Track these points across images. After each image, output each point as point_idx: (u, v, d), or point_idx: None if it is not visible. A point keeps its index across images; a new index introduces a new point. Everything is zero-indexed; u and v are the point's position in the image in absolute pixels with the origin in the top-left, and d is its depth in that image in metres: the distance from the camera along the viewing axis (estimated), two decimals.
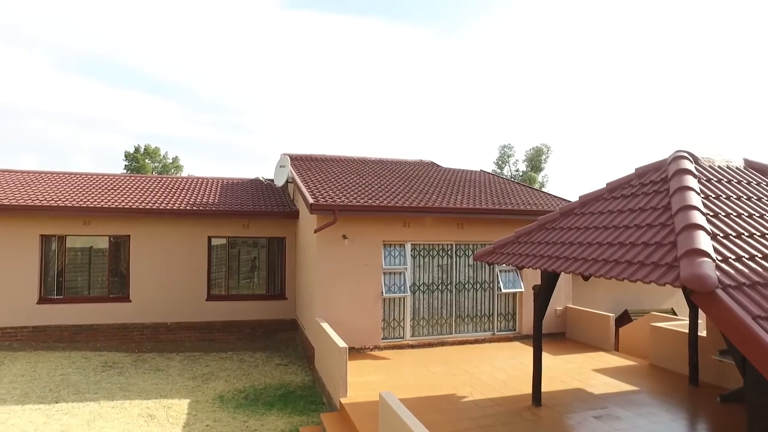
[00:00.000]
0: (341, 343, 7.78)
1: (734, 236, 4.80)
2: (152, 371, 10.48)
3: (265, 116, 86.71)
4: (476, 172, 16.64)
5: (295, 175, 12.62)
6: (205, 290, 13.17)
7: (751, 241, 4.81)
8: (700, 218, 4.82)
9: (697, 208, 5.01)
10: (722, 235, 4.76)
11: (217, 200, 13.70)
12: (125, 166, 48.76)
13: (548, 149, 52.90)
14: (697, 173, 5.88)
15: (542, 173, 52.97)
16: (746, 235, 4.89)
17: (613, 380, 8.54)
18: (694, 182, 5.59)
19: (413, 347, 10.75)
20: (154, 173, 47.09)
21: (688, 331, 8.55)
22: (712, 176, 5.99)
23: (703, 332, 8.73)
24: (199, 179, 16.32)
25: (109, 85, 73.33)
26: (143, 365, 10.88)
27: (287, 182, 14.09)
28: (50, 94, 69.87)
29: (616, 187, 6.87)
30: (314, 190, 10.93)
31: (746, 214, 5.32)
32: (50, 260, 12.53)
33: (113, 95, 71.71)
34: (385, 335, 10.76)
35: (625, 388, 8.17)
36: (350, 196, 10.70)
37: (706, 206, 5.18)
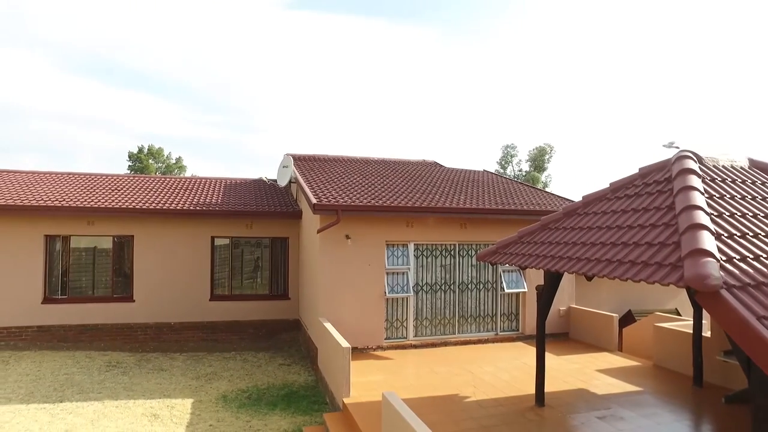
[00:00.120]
0: (344, 343, 7.77)
1: (739, 236, 4.79)
2: (156, 371, 10.51)
3: (268, 116, 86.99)
4: (479, 172, 16.63)
5: (298, 175, 12.64)
6: (208, 290, 13.20)
7: (755, 241, 4.79)
8: (704, 218, 4.81)
9: (701, 207, 4.99)
10: (726, 235, 4.74)
11: (220, 200, 13.73)
12: (129, 166, 49.01)
13: (551, 149, 52.75)
14: (701, 173, 5.86)
15: (545, 173, 52.83)
16: (751, 235, 4.87)
17: (616, 381, 8.52)
18: (698, 182, 5.57)
19: (416, 347, 10.74)
20: (157, 173, 47.24)
21: (692, 331, 8.52)
22: (716, 176, 5.97)
23: (707, 333, 8.70)
24: (202, 179, 16.35)
25: (110, 85, 73.72)
26: (147, 365, 10.91)
27: (290, 182, 14.11)
28: (54, 94, 70.25)
29: (619, 187, 6.86)
30: (317, 190, 10.93)
31: (751, 213, 5.30)
32: (54, 260, 12.59)
33: (116, 96, 72.09)
34: (388, 335, 10.76)
35: (628, 388, 8.14)
36: (353, 196, 10.70)
37: (710, 206, 5.16)
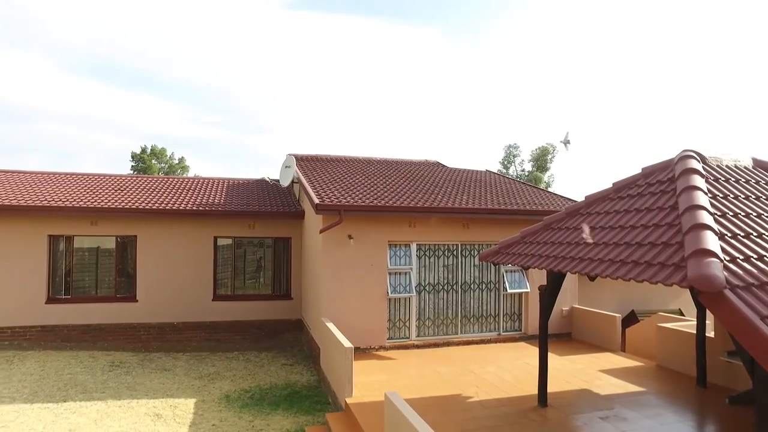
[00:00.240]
0: (347, 343, 7.77)
1: (742, 236, 4.77)
2: (159, 371, 10.54)
3: (270, 117, 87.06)
4: (482, 172, 16.61)
5: (300, 175, 12.66)
6: (211, 290, 13.22)
7: (759, 241, 4.77)
8: (707, 218, 4.79)
9: (704, 207, 4.97)
10: (730, 235, 4.73)
11: (223, 201, 13.75)
12: (132, 166, 49.10)
13: (554, 149, 52.62)
14: (704, 173, 5.84)
15: (548, 173, 52.74)
16: (755, 235, 4.85)
17: (619, 381, 8.50)
18: (701, 182, 5.56)
19: (419, 347, 10.74)
20: (160, 174, 47.35)
21: (695, 331, 8.50)
22: (719, 176, 5.95)
23: (711, 333, 8.67)
24: (205, 180, 16.39)
25: (113, 85, 73.92)
26: (150, 365, 10.94)
27: (293, 182, 14.12)
28: (57, 95, 70.48)
29: (622, 186, 6.84)
30: (320, 190, 10.94)
31: (754, 213, 5.28)
32: (58, 260, 12.62)
33: (119, 96, 72.27)
34: (390, 335, 10.76)
35: (631, 389, 8.12)
36: (356, 196, 10.71)
37: (713, 206, 5.14)
